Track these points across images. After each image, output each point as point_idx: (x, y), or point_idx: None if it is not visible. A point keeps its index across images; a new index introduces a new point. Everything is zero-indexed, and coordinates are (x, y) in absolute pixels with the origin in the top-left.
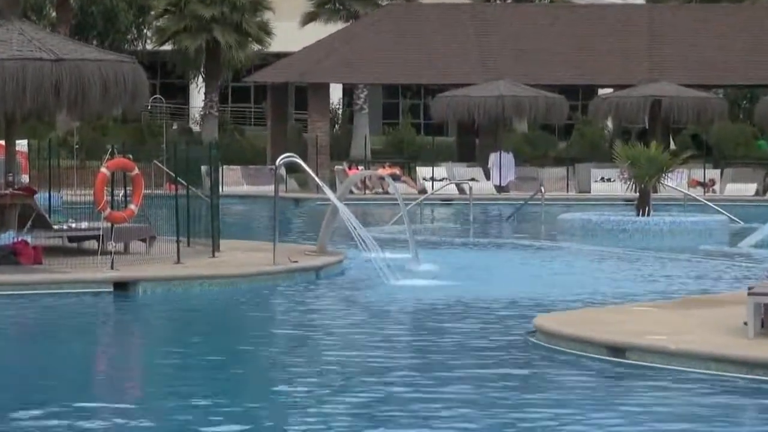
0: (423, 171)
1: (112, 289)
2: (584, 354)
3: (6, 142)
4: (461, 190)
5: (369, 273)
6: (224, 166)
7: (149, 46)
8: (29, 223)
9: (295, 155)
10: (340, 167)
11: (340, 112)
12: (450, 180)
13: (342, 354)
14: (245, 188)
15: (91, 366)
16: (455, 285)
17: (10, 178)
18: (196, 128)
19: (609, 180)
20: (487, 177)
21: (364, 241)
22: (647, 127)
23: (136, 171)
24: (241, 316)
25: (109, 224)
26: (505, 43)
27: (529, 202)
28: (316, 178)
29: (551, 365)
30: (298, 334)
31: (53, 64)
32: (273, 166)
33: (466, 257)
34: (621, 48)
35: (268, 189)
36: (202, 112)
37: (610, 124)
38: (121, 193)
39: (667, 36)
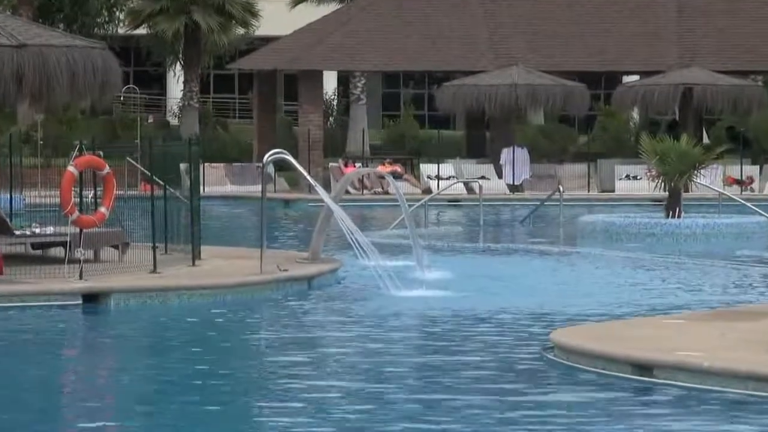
0: (427, 168)
1: (80, 302)
2: (607, 372)
3: None
4: (470, 190)
5: (367, 283)
6: (206, 164)
7: (121, 30)
8: None
9: (284, 151)
10: (335, 164)
11: (334, 103)
12: (457, 178)
13: (338, 378)
14: (229, 188)
15: (56, 387)
16: (463, 296)
17: None
18: (174, 121)
19: (635, 178)
20: (499, 175)
21: (362, 247)
22: (677, 119)
23: (108, 170)
24: (225, 332)
25: (78, 229)
26: (519, 26)
27: (546, 203)
28: (308, 177)
29: (570, 385)
30: (287, 354)
31: (14, 51)
32: (260, 164)
33: (476, 265)
34: (648, 30)
35: (255, 189)
36: (180, 104)
37: (635, 115)
38: (91, 194)
39: (700, 16)
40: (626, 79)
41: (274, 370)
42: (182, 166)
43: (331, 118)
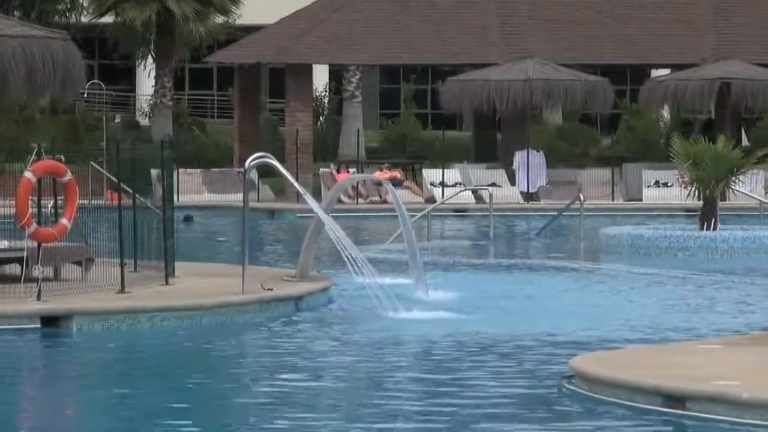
0: (431, 174)
1: (39, 326)
2: (634, 404)
3: None
4: (479, 199)
5: (363, 304)
6: (180, 170)
7: (85, 19)
8: None
9: (269, 155)
10: (327, 170)
11: (326, 100)
12: (465, 186)
13: (329, 413)
14: (207, 197)
15: (6, 425)
16: (471, 319)
17: None
18: (144, 122)
19: (665, 185)
20: (512, 182)
21: (357, 264)
22: (713, 118)
23: (69, 176)
24: (202, 360)
25: (35, 243)
26: (534, 13)
27: (565, 213)
28: (296, 184)
29: (592, 418)
30: (271, 386)
31: None
32: (241, 169)
33: (485, 283)
34: (680, 18)
35: (236, 198)
36: (151, 102)
37: (666, 113)
38: (51, 204)
39: (739, 3)
40: (655, 73)
41: (255, 405)
42: (154, 172)
43: (321, 118)
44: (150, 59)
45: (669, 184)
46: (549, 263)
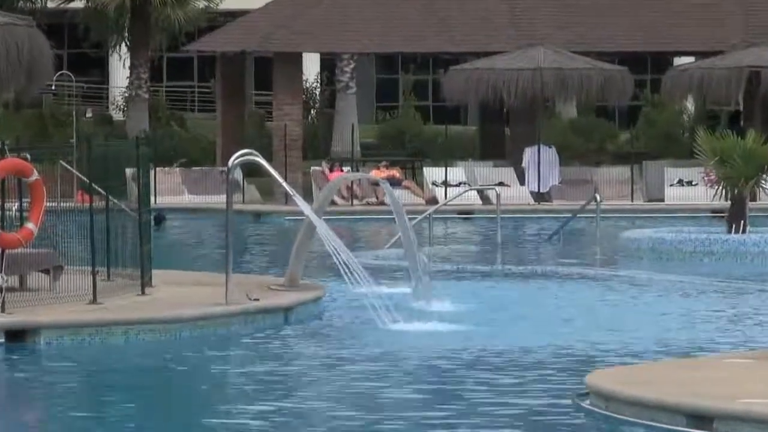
0: (432, 173)
1: (2, 340)
2: (656, 424)
3: None
4: (485, 199)
5: (358, 315)
6: (158, 169)
7: (52, 4)
8: None
9: (255, 152)
10: (318, 169)
11: (317, 92)
12: (470, 185)
13: None
14: (187, 198)
15: None
16: (477, 331)
17: None
18: (118, 116)
19: (689, 183)
20: (521, 181)
21: (352, 271)
22: (742, 110)
23: (36, 176)
24: (180, 378)
25: None
26: None
27: (580, 215)
28: (285, 184)
29: None
30: (258, 406)
31: None
32: (225, 168)
33: (493, 292)
34: (706, 1)
35: (219, 199)
36: (126, 94)
37: (690, 105)
38: (15, 206)
39: None
40: (678, 61)
41: (240, 428)
42: (128, 171)
43: (312, 111)
44: (124, 48)
45: (693, 183)
46: (562, 270)
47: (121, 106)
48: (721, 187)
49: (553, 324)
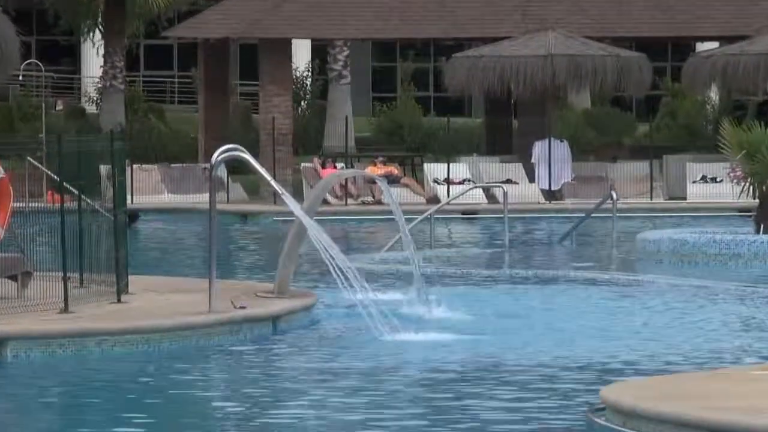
0: (434, 170)
1: None
2: None
3: None
4: (491, 198)
5: (353, 324)
6: (135, 166)
7: None
8: None
9: (240, 148)
10: (309, 165)
11: (308, 82)
12: (474, 183)
13: None
14: (166, 198)
15: None
16: (483, 341)
17: None
18: (91, 109)
19: (713, 180)
20: (531, 178)
21: (346, 276)
22: None
23: (2, 174)
24: (159, 393)
25: None
26: None
27: (594, 215)
28: (273, 182)
29: None
30: (244, 423)
31: None
32: (208, 165)
33: (500, 299)
34: None
35: (201, 199)
36: (100, 85)
37: (714, 95)
38: None
39: None
40: (701, 46)
41: None
42: (103, 168)
43: (303, 103)
44: (98, 34)
45: (718, 180)
46: (575, 275)
47: (95, 98)
48: (748, 184)
49: (566, 333)
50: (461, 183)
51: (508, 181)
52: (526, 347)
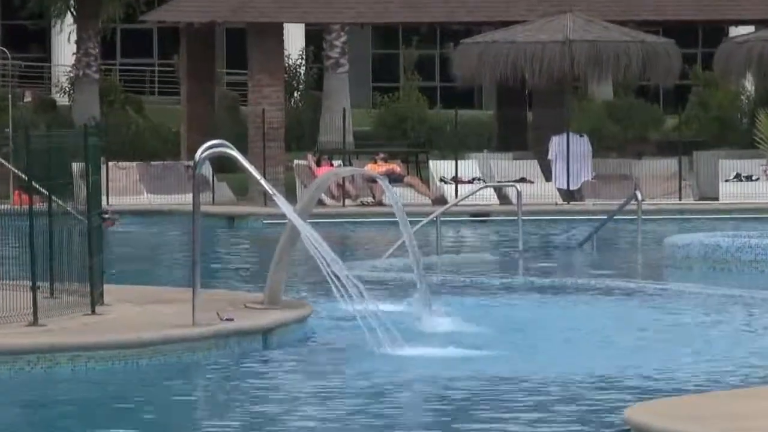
0: (440, 167)
1: None
2: None
3: None
4: (504, 198)
5: (351, 337)
6: (111, 163)
7: None
8: None
9: (227, 143)
10: (303, 162)
11: (302, 71)
12: (485, 182)
13: None
14: (146, 198)
15: None
16: (495, 356)
17: None
18: (62, 100)
19: (748, 178)
20: (547, 176)
21: (344, 285)
22: None
23: None
24: (137, 414)
25: None
26: None
27: (617, 217)
28: (263, 182)
29: None
30: None
31: None
32: (191, 162)
33: (513, 310)
34: None
35: (183, 200)
36: (72, 74)
37: (749, 84)
38: None
39: None
40: (735, 31)
41: None
42: (75, 167)
43: (296, 94)
44: (69, 19)
45: (754, 178)
46: (596, 283)
47: (66, 89)
48: None
49: (586, 348)
50: (470, 182)
51: (522, 180)
52: (542, 363)
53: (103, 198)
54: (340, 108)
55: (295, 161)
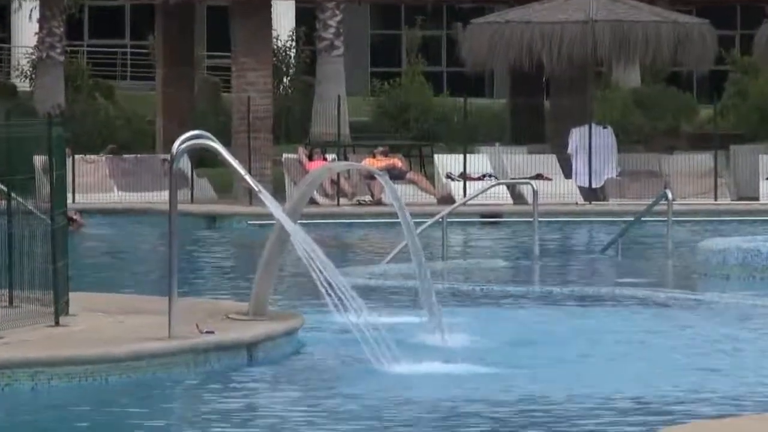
0: (447, 162)
1: None
2: None
3: None
4: (518, 197)
5: (347, 352)
6: (77, 156)
7: None
8: None
9: (208, 135)
10: (294, 156)
11: (292, 54)
12: (497, 178)
13: None
14: (117, 196)
15: None
16: (508, 374)
17: None
18: (23, 85)
19: None
20: (567, 173)
21: (338, 294)
22: None
23: None
24: None
25: None
26: None
27: (645, 219)
28: (248, 177)
29: None
30: None
31: None
32: (167, 156)
33: (528, 322)
34: None
35: (159, 198)
36: (34, 56)
37: None
38: None
39: None
40: None
41: None
42: (38, 160)
43: (286, 80)
44: None
45: None
46: (621, 292)
47: (28, 73)
48: None
49: (610, 365)
50: (480, 179)
51: (539, 177)
52: (561, 381)
53: (69, 195)
54: (335, 95)
55: (284, 155)
